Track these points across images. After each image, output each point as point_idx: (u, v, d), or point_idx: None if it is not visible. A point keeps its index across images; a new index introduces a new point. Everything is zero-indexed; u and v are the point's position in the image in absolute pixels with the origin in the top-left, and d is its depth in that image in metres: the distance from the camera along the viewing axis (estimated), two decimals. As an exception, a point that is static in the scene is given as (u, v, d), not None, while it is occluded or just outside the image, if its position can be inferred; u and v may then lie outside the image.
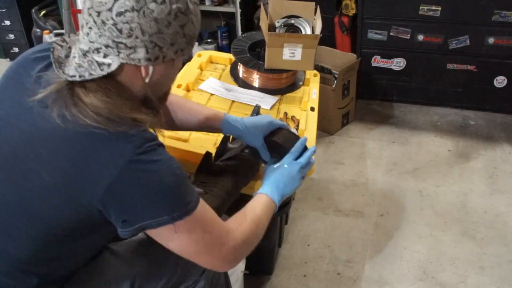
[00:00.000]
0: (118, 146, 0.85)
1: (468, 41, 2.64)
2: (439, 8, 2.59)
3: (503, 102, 2.81)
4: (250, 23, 3.22)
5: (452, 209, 2.13)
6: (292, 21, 1.85)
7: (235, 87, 1.78)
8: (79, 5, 2.56)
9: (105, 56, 0.86)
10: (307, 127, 1.56)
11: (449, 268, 1.84)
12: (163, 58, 0.89)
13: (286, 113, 1.64)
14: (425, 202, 2.18)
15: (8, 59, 3.83)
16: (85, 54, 0.87)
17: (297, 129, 1.55)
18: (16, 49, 3.76)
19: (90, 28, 0.85)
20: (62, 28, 2.90)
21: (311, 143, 1.48)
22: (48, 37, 3.39)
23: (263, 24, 1.80)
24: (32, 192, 0.88)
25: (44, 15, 3.53)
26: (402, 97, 2.97)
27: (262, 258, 1.73)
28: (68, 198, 0.86)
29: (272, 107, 1.69)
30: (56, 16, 3.60)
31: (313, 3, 1.87)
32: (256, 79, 1.80)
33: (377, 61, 2.86)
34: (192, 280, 1.17)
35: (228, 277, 1.32)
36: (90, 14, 0.85)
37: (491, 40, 2.60)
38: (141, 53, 0.86)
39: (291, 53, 1.73)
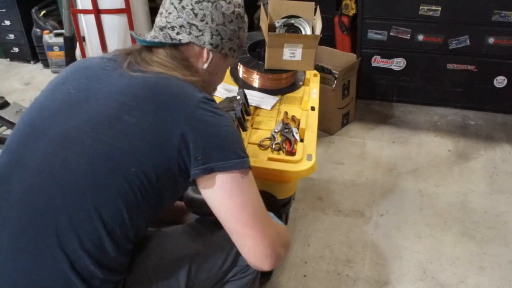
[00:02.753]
0: (190, 89, 0.99)
1: (468, 41, 2.64)
2: (439, 8, 2.59)
3: (503, 102, 2.81)
4: (250, 23, 3.21)
5: (452, 209, 2.13)
6: (292, 21, 1.85)
7: (235, 87, 1.79)
8: (79, 5, 2.56)
9: (178, 34, 1.08)
10: (308, 127, 1.56)
11: (449, 268, 1.84)
12: (221, 49, 1.11)
13: (286, 113, 1.64)
14: (425, 202, 2.18)
15: (8, 59, 3.83)
16: (161, 28, 1.09)
17: (297, 129, 1.55)
18: (16, 49, 3.76)
19: (169, 13, 1.09)
20: (62, 28, 2.90)
21: (311, 142, 1.48)
22: (48, 37, 3.39)
23: (263, 24, 1.80)
24: (116, 138, 0.93)
25: (44, 15, 3.53)
26: (402, 97, 2.97)
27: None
28: (152, 135, 0.93)
29: (272, 107, 1.69)
30: (56, 16, 3.60)
31: (313, 3, 1.87)
32: (256, 79, 1.80)
33: (377, 61, 2.86)
34: (245, 264, 1.20)
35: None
36: (172, 3, 1.09)
37: (491, 40, 2.60)
38: (207, 37, 1.08)
39: (291, 53, 1.73)
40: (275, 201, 1.44)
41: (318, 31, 1.75)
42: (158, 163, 0.93)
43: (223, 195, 0.96)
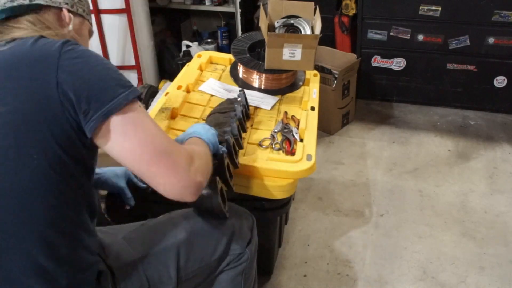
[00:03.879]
0: (47, 43, 0.90)
1: (468, 41, 2.64)
2: (439, 8, 2.59)
3: (503, 102, 2.81)
4: (250, 23, 3.22)
5: (452, 209, 2.13)
6: (292, 21, 1.85)
7: (235, 87, 1.78)
8: (79, 5, 2.56)
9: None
10: (308, 127, 1.56)
11: (449, 268, 1.84)
12: (77, 9, 1.05)
13: (286, 113, 1.64)
14: (425, 202, 2.18)
15: (8, 59, 3.82)
16: None
17: (297, 129, 1.55)
18: (16, 49, 3.75)
19: None
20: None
21: (311, 142, 1.48)
22: (48, 37, 3.38)
23: (263, 24, 1.80)
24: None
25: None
26: (402, 97, 2.97)
27: (262, 258, 1.73)
28: (31, 113, 0.85)
29: (272, 108, 1.69)
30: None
31: (313, 3, 1.87)
32: (256, 79, 1.80)
33: (377, 61, 2.86)
34: (237, 253, 1.20)
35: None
36: None
37: (491, 40, 2.60)
38: None
39: (291, 53, 1.73)
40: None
41: (318, 31, 1.75)
42: (53, 134, 0.86)
43: (119, 138, 0.88)
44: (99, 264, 1.00)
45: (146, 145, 0.88)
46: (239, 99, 1.55)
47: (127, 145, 0.88)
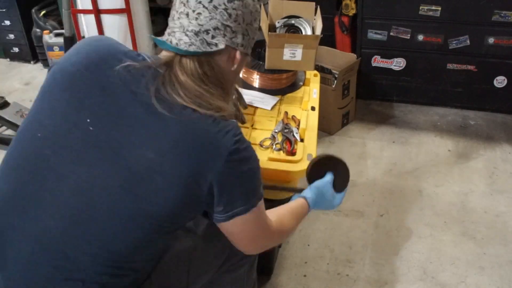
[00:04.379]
0: (221, 135, 0.93)
1: (468, 41, 2.64)
2: (439, 8, 2.59)
3: (503, 102, 2.81)
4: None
5: (452, 209, 2.13)
6: (293, 21, 1.85)
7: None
8: (79, 5, 2.56)
9: (213, 37, 0.98)
10: (308, 127, 1.56)
11: (449, 268, 1.84)
12: (247, 48, 1.06)
13: (286, 113, 1.64)
14: (425, 202, 2.18)
15: (8, 59, 3.82)
16: (197, 33, 0.98)
17: (297, 129, 1.55)
18: (16, 49, 3.75)
19: (199, 13, 0.97)
20: (62, 28, 2.90)
21: (312, 142, 1.48)
22: (48, 37, 3.39)
23: (263, 24, 1.80)
24: (146, 199, 0.91)
25: (44, 15, 3.53)
26: (402, 97, 2.97)
27: (261, 258, 1.73)
28: (182, 195, 0.92)
29: (272, 108, 1.69)
30: (56, 16, 3.59)
31: (313, 3, 1.87)
32: (256, 79, 1.80)
33: (377, 61, 2.86)
34: (240, 254, 1.21)
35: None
36: (200, 2, 0.97)
37: (491, 40, 2.60)
38: (239, 38, 1.01)
39: (291, 54, 1.73)
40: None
41: (318, 31, 1.75)
42: (187, 218, 1.01)
43: (239, 233, 1.02)
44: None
45: (255, 239, 1.06)
46: None
47: (243, 237, 1.04)
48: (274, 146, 1.49)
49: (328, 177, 1.35)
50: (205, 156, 0.91)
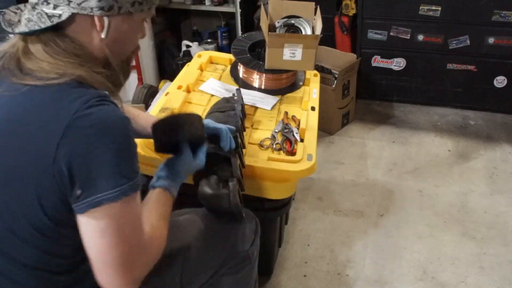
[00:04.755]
0: (66, 100, 0.80)
1: (468, 41, 2.64)
2: (439, 8, 2.59)
3: (503, 102, 2.81)
4: (250, 23, 3.22)
5: (452, 209, 2.13)
6: (292, 21, 1.85)
7: (236, 87, 1.78)
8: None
9: (55, 7, 0.83)
10: (308, 127, 1.56)
11: (449, 268, 1.84)
12: (118, 9, 0.86)
13: (286, 113, 1.64)
14: (425, 202, 2.18)
15: (8, 59, 3.82)
16: (34, 7, 0.84)
17: (297, 129, 1.55)
18: (16, 49, 3.75)
19: None
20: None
21: (312, 142, 1.48)
22: (48, 37, 3.38)
23: (263, 24, 1.80)
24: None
25: (44, 15, 3.52)
26: (402, 97, 2.97)
27: (261, 258, 1.73)
28: (25, 176, 0.81)
29: (272, 108, 1.69)
30: (56, 16, 3.58)
31: (313, 3, 1.87)
32: (256, 79, 1.80)
33: (377, 61, 2.86)
34: (241, 258, 1.18)
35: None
36: None
37: (491, 40, 2.60)
38: (92, 1, 0.83)
39: (291, 54, 1.73)
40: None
41: (318, 31, 1.75)
42: (40, 202, 0.82)
43: (95, 232, 0.81)
44: None
45: (114, 250, 0.82)
46: (235, 97, 1.54)
47: (98, 242, 0.82)
48: (274, 146, 1.48)
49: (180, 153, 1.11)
50: (44, 125, 0.79)
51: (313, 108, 1.67)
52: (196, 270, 1.12)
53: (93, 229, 0.81)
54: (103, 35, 0.87)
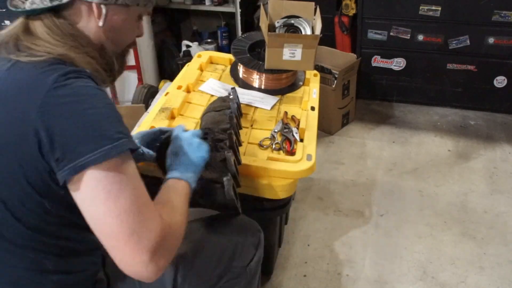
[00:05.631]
0: (46, 73, 0.81)
1: (468, 41, 2.64)
2: (439, 8, 2.59)
3: (503, 102, 2.81)
4: (250, 23, 3.22)
5: (452, 209, 2.13)
6: (292, 21, 1.85)
7: (236, 87, 1.78)
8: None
9: None
10: (308, 127, 1.56)
11: (449, 268, 1.84)
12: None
13: (286, 113, 1.64)
14: (425, 202, 2.18)
15: (8, 59, 3.82)
16: None
17: (297, 129, 1.55)
18: (16, 49, 3.75)
19: None
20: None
21: (311, 142, 1.48)
22: (48, 37, 3.38)
23: (263, 24, 1.80)
24: None
25: (44, 15, 3.52)
26: (402, 97, 2.97)
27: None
28: (6, 147, 0.81)
29: (272, 107, 1.69)
30: (56, 16, 3.59)
31: (313, 3, 1.87)
32: (256, 79, 1.80)
33: (377, 61, 2.86)
34: (238, 270, 1.15)
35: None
36: None
37: (491, 40, 2.60)
38: None
39: (291, 53, 1.73)
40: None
41: (318, 31, 1.75)
42: (28, 178, 0.82)
43: (87, 200, 0.78)
44: (97, 273, 1.00)
45: (112, 217, 0.76)
46: (231, 96, 1.54)
47: (93, 210, 0.78)
48: (273, 146, 1.48)
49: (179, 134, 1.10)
50: (21, 97, 0.80)
51: (312, 108, 1.67)
52: (191, 280, 1.07)
53: (84, 198, 0.78)
54: (100, 23, 0.91)
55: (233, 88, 1.58)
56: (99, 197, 0.77)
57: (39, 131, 0.77)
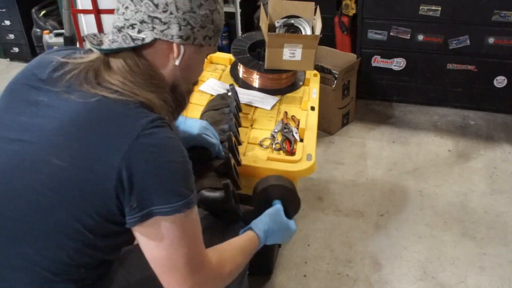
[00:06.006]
0: (134, 116, 0.85)
1: (468, 41, 2.64)
2: (439, 8, 2.59)
3: (503, 102, 2.81)
4: (250, 23, 3.22)
5: (452, 209, 2.13)
6: (292, 21, 1.85)
7: (235, 87, 1.78)
8: (79, 5, 2.56)
9: (139, 31, 0.91)
10: (308, 127, 1.56)
11: (449, 268, 1.84)
12: (193, 40, 0.95)
13: (286, 113, 1.64)
14: (425, 202, 2.18)
15: (8, 59, 3.83)
16: (120, 29, 0.92)
17: (297, 129, 1.55)
18: (16, 49, 3.76)
19: (126, 7, 0.91)
20: (62, 28, 2.90)
21: (311, 142, 1.48)
22: (48, 37, 3.39)
23: (263, 24, 1.80)
24: (44, 183, 0.85)
25: (44, 15, 3.53)
26: (402, 97, 2.97)
27: (262, 258, 1.73)
28: (84, 181, 0.83)
29: (272, 107, 1.69)
30: (56, 16, 3.59)
31: (313, 3, 1.87)
32: (256, 79, 1.80)
33: (377, 61, 2.86)
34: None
35: None
36: None
37: (491, 40, 2.60)
38: (174, 29, 0.92)
39: (291, 53, 1.73)
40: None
41: (318, 31, 1.75)
42: (96, 209, 0.85)
43: (152, 243, 0.86)
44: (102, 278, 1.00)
45: (170, 260, 0.87)
46: (229, 93, 1.54)
47: (155, 252, 0.87)
48: (273, 146, 1.49)
49: (278, 205, 1.24)
50: (110, 136, 0.84)
51: (312, 108, 1.67)
52: None
53: (148, 240, 0.86)
54: (177, 62, 0.96)
55: (231, 86, 1.58)
56: (163, 244, 0.86)
57: (121, 174, 0.82)
